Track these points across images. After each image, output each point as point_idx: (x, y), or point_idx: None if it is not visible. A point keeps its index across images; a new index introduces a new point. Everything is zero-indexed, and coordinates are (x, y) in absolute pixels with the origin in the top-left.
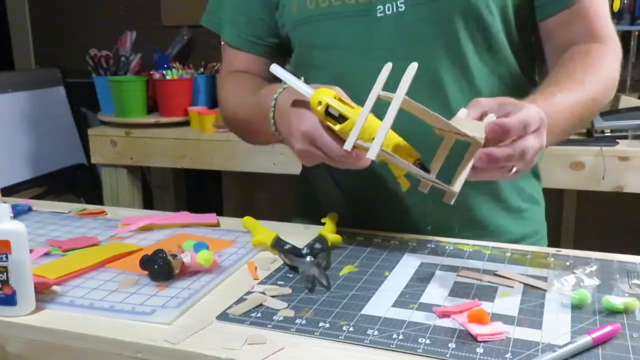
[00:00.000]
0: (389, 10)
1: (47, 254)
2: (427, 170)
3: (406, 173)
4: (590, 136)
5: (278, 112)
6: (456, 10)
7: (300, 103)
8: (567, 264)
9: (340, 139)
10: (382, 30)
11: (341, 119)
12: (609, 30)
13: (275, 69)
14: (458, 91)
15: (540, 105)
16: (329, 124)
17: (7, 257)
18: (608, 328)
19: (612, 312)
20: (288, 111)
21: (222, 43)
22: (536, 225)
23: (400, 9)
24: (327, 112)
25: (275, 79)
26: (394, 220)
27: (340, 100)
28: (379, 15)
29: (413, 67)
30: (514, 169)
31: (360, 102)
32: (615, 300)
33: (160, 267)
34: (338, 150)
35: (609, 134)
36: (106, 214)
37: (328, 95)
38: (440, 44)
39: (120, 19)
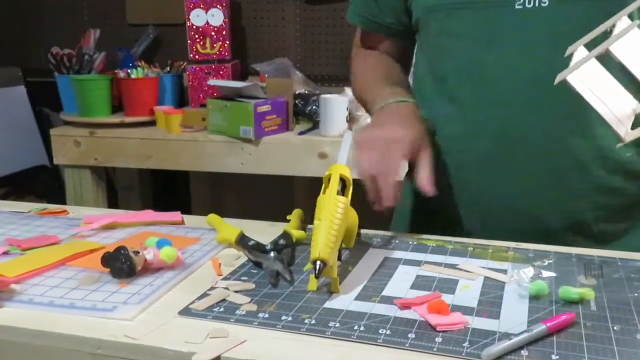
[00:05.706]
0: (529, 4)
1: (5, 253)
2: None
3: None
4: None
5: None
6: (608, 13)
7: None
8: (527, 257)
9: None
10: (518, 23)
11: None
12: None
13: (347, 136)
14: None
15: None
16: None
17: None
18: (563, 317)
19: (568, 302)
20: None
21: None
22: None
23: (543, 4)
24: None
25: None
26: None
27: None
28: (517, 7)
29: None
30: None
31: (485, 92)
32: (571, 291)
33: (122, 264)
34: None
35: None
36: (68, 213)
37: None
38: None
39: (84, 16)
